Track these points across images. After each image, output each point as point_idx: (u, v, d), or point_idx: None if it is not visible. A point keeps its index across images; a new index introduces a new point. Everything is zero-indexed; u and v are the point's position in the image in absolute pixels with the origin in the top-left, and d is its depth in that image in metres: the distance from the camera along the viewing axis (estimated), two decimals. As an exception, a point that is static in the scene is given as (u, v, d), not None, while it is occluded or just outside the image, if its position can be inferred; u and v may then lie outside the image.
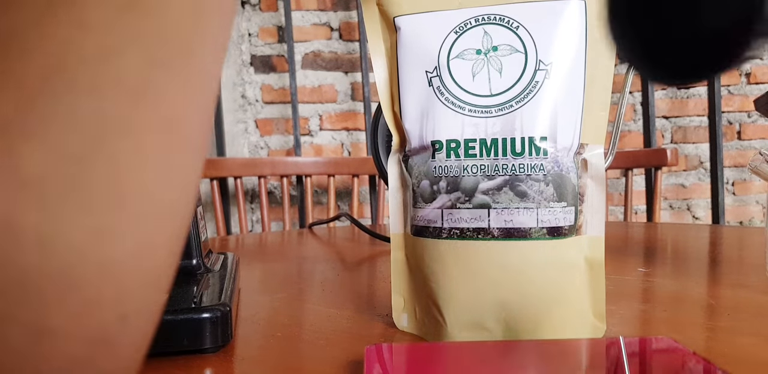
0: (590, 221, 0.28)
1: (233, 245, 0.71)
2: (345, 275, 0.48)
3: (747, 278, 0.42)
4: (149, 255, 0.13)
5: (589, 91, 0.28)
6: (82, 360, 0.12)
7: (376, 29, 0.31)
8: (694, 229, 0.74)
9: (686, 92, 1.61)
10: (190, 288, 0.33)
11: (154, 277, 0.13)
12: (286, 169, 1.33)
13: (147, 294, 0.13)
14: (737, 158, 1.61)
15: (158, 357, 0.27)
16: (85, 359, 0.12)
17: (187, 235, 0.36)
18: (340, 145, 1.61)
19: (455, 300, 0.27)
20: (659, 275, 0.44)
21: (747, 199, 1.63)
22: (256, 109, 1.60)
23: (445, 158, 0.28)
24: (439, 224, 0.28)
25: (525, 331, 0.27)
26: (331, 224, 1.14)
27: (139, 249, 0.12)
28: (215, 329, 0.27)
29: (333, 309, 0.36)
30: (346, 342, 0.29)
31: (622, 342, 0.23)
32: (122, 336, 0.12)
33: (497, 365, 0.22)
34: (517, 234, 0.27)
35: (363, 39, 1.54)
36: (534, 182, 0.27)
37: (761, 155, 0.36)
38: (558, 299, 0.27)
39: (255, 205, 1.60)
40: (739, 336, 0.29)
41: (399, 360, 0.23)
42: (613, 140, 0.38)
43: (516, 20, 0.27)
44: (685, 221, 1.63)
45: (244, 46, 1.58)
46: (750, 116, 1.61)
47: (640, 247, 0.60)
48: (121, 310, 0.12)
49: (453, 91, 0.28)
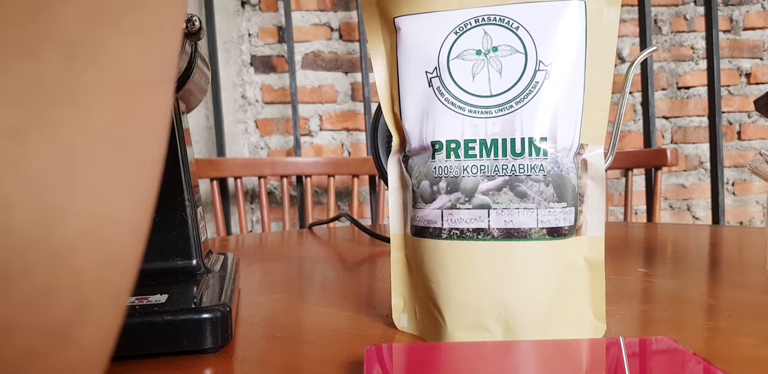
0: (590, 221, 0.28)
1: (233, 246, 0.71)
2: (345, 275, 0.48)
3: (747, 278, 0.42)
4: (107, 235, 0.11)
5: (589, 91, 0.28)
6: (37, 353, 0.11)
7: (375, 29, 0.31)
8: (694, 229, 0.74)
9: (686, 92, 1.61)
10: (190, 288, 0.33)
11: (114, 258, 0.12)
12: (286, 169, 1.33)
13: (108, 278, 0.12)
14: (737, 158, 1.61)
15: (158, 358, 0.27)
16: (40, 352, 0.11)
17: (188, 235, 0.36)
18: (340, 145, 1.61)
19: (455, 301, 0.27)
20: (659, 275, 0.44)
21: (747, 199, 1.63)
22: (256, 109, 1.60)
23: (445, 158, 0.28)
24: (439, 224, 0.28)
25: (525, 331, 0.27)
26: (331, 225, 1.14)
27: (94, 229, 0.11)
28: (215, 329, 0.27)
29: (333, 309, 0.36)
30: (346, 342, 0.29)
31: (622, 342, 0.23)
32: (82, 325, 0.11)
33: (497, 365, 0.22)
34: (517, 235, 0.27)
35: (363, 39, 1.54)
36: (534, 182, 0.27)
37: (761, 155, 0.36)
38: (558, 299, 0.27)
39: (255, 205, 1.60)
40: (739, 336, 0.29)
41: (399, 360, 0.23)
42: (613, 140, 0.38)
43: (516, 21, 0.27)
44: (685, 222, 1.63)
45: (244, 47, 1.58)
46: (750, 116, 1.61)
47: (640, 247, 0.60)
48: (78, 297, 0.11)
49: (453, 92, 0.28)
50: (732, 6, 1.60)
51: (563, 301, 0.27)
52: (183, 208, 0.36)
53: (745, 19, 1.60)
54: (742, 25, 1.60)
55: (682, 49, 1.60)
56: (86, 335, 0.12)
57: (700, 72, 1.59)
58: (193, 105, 0.44)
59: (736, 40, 1.60)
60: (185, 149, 0.38)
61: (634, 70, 0.34)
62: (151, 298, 0.30)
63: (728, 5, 1.59)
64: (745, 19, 1.60)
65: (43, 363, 0.11)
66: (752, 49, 1.60)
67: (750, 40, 1.60)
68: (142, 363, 0.27)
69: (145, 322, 0.27)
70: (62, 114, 0.10)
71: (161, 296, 0.30)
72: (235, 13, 1.57)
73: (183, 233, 0.36)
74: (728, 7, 1.60)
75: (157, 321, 0.27)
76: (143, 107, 0.12)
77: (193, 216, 0.37)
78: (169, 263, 0.36)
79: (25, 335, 0.10)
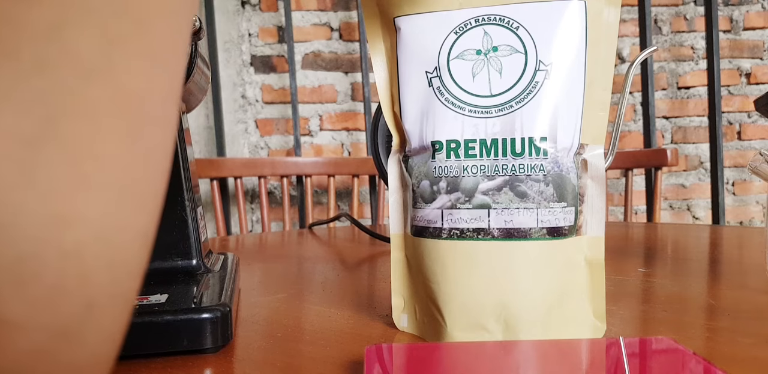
0: (590, 221, 0.28)
1: (233, 246, 0.71)
2: (345, 275, 0.48)
3: (747, 278, 0.42)
4: (115, 239, 0.12)
5: (589, 91, 0.28)
6: (45, 353, 0.11)
7: (376, 29, 0.31)
8: (694, 229, 0.74)
9: (686, 92, 1.61)
10: (190, 288, 0.33)
11: (122, 262, 0.12)
12: (286, 169, 1.33)
13: (115, 281, 0.12)
14: (737, 158, 1.61)
15: (158, 357, 0.28)
16: (48, 352, 0.11)
17: (188, 235, 0.36)
18: (340, 145, 1.61)
19: (455, 301, 0.27)
20: (659, 275, 0.44)
21: (747, 199, 1.63)
22: (256, 109, 1.60)
23: (445, 158, 0.28)
24: (439, 224, 0.28)
25: (525, 331, 0.27)
26: (331, 225, 1.14)
27: (104, 234, 0.12)
28: (215, 329, 0.27)
29: (333, 309, 0.36)
30: (346, 342, 0.29)
31: (622, 342, 0.23)
32: (89, 326, 0.12)
33: (497, 365, 0.22)
34: (517, 234, 0.27)
35: (363, 39, 1.54)
36: (534, 182, 0.27)
37: (761, 155, 0.36)
38: (558, 299, 0.27)
39: (255, 205, 1.60)
40: (739, 336, 0.29)
41: (399, 360, 0.23)
42: (613, 140, 0.38)
43: (516, 20, 0.27)
44: (685, 222, 1.63)
45: (244, 47, 1.58)
46: (750, 116, 1.61)
47: (640, 247, 0.60)
48: (86, 298, 0.11)
49: (453, 92, 0.28)
50: (732, 6, 1.60)
51: (563, 301, 0.27)
52: (183, 208, 0.36)
53: (745, 19, 1.60)
54: (742, 25, 1.60)
55: (682, 49, 1.60)
56: (93, 335, 0.12)
57: (700, 72, 1.59)
58: (193, 105, 0.44)
59: (736, 40, 1.60)
60: (185, 149, 0.38)
61: (634, 70, 0.34)
62: (151, 298, 0.30)
63: (728, 5, 1.59)
64: (745, 19, 1.60)
65: (50, 361, 0.11)
66: (752, 49, 1.60)
67: (750, 40, 1.60)
68: (142, 363, 0.27)
69: (145, 322, 0.27)
70: (74, 126, 0.11)
71: (161, 296, 0.30)
72: (235, 13, 1.57)
73: (183, 233, 0.36)
74: (728, 7, 1.60)
75: (157, 320, 0.27)
76: (151, 121, 0.13)
77: (193, 216, 0.37)
78: (169, 263, 0.36)
79: (34, 334, 0.11)
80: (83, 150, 0.11)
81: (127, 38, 0.12)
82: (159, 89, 0.13)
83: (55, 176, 0.11)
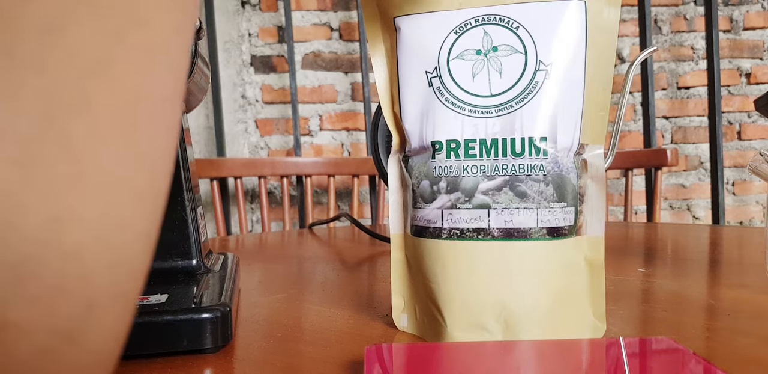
0: (590, 221, 0.28)
1: (233, 246, 0.71)
2: (345, 275, 0.48)
3: (747, 278, 0.42)
4: (116, 240, 0.12)
5: (588, 91, 0.28)
6: (50, 353, 0.11)
7: (376, 29, 0.31)
8: (694, 229, 0.74)
9: (686, 92, 1.61)
10: (190, 288, 0.33)
11: (123, 262, 0.12)
12: (286, 169, 1.33)
13: (116, 281, 0.12)
14: (737, 158, 1.62)
15: (158, 358, 0.28)
16: (53, 352, 0.11)
17: (188, 235, 0.36)
18: (340, 145, 1.61)
19: (455, 301, 0.27)
20: (659, 275, 0.44)
21: (747, 199, 1.63)
22: (256, 109, 1.60)
23: (445, 158, 0.28)
24: (439, 224, 0.28)
25: (525, 331, 0.27)
26: (331, 225, 1.14)
27: (104, 234, 0.11)
28: (215, 329, 0.27)
29: (333, 309, 0.36)
30: (346, 342, 0.29)
31: (622, 342, 0.23)
32: (91, 326, 0.12)
33: (497, 365, 0.22)
34: (517, 234, 0.27)
35: (363, 39, 1.54)
36: (534, 182, 0.27)
37: (761, 155, 0.36)
38: (558, 299, 0.27)
39: (255, 205, 1.60)
40: (739, 336, 0.29)
41: (399, 360, 0.23)
42: (613, 140, 0.38)
43: (516, 20, 0.27)
44: (685, 222, 1.63)
45: (244, 47, 1.58)
46: (750, 116, 1.61)
47: (640, 247, 0.60)
48: (86, 298, 0.11)
49: (453, 92, 0.28)
50: (732, 6, 1.60)
51: (563, 301, 0.27)
52: (183, 208, 0.36)
53: (745, 19, 1.60)
54: (742, 25, 1.60)
55: (682, 49, 1.60)
56: (95, 335, 0.12)
57: (700, 72, 1.59)
58: (193, 105, 0.44)
59: (736, 40, 1.60)
60: (185, 149, 0.38)
61: (634, 70, 0.34)
62: (151, 298, 0.30)
63: (728, 5, 1.59)
64: (745, 19, 1.60)
65: (52, 362, 0.11)
66: (752, 49, 1.60)
67: (750, 40, 1.60)
68: (142, 363, 0.27)
69: (145, 322, 0.27)
70: (74, 125, 0.11)
71: (161, 296, 0.30)
72: (235, 13, 1.57)
73: (183, 233, 0.36)
74: (728, 7, 1.60)
75: (157, 320, 0.27)
76: (151, 119, 0.12)
77: (193, 216, 0.37)
78: (169, 263, 0.36)
79: (36, 334, 0.11)
80: (83, 150, 0.11)
81: (128, 35, 0.11)
82: (160, 88, 0.13)
83: (54, 176, 0.10)
